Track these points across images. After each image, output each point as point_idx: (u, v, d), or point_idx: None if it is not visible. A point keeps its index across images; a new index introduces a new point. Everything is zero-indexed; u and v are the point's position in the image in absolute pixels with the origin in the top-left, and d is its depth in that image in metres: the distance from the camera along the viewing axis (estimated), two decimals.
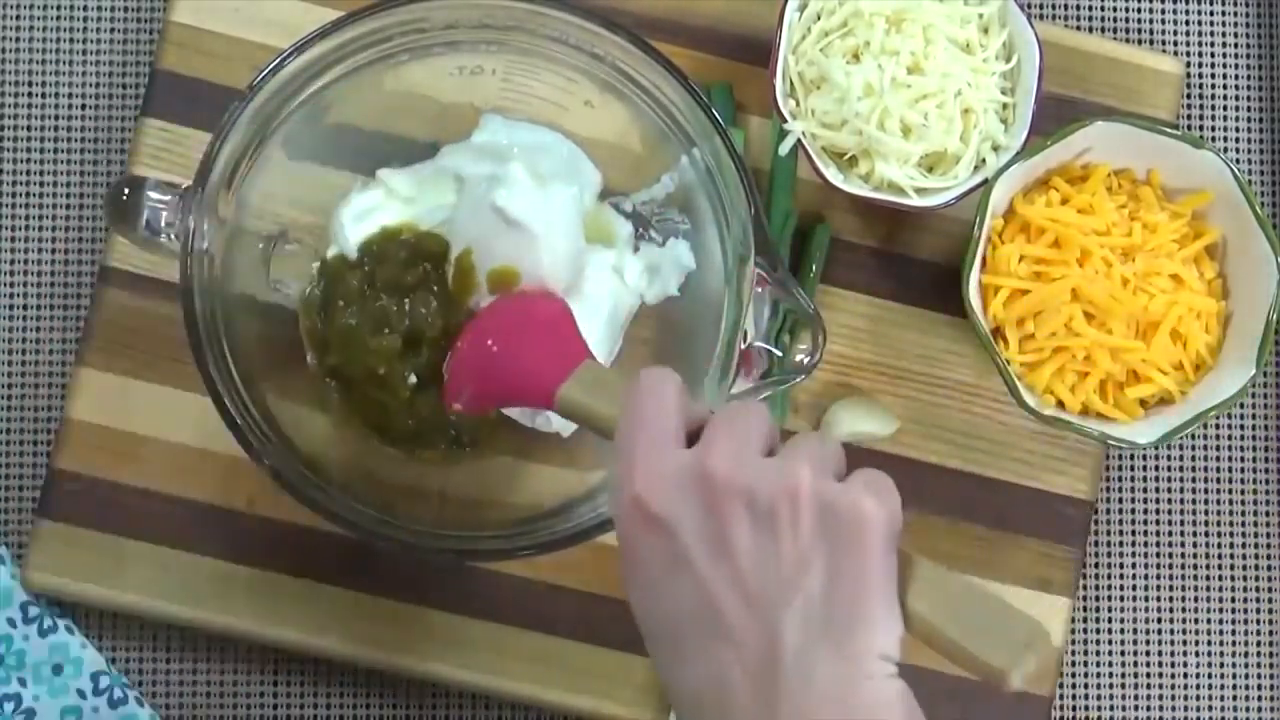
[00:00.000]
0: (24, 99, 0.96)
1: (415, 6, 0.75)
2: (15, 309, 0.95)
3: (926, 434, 0.93)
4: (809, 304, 0.76)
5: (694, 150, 0.79)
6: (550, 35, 0.78)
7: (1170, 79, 0.96)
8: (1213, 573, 0.98)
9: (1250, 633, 0.98)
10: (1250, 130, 1.00)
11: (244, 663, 0.94)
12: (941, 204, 0.87)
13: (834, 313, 0.93)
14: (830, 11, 0.88)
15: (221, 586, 0.90)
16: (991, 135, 0.88)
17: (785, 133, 0.88)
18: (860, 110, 0.86)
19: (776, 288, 0.76)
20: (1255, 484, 0.99)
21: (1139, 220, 0.88)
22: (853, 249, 0.94)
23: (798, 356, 0.77)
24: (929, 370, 0.94)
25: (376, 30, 0.76)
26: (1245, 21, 1.01)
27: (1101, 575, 0.98)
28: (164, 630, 0.94)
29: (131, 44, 0.97)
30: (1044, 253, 0.87)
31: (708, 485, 0.56)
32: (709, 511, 0.56)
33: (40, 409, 0.95)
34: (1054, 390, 0.88)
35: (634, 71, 0.78)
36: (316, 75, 0.76)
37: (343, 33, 0.75)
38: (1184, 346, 0.88)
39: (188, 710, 0.93)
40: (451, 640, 0.91)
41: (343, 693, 0.94)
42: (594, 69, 0.79)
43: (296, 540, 0.90)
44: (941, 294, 0.93)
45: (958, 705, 0.92)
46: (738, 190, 0.76)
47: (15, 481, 0.94)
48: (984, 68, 0.88)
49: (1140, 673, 0.97)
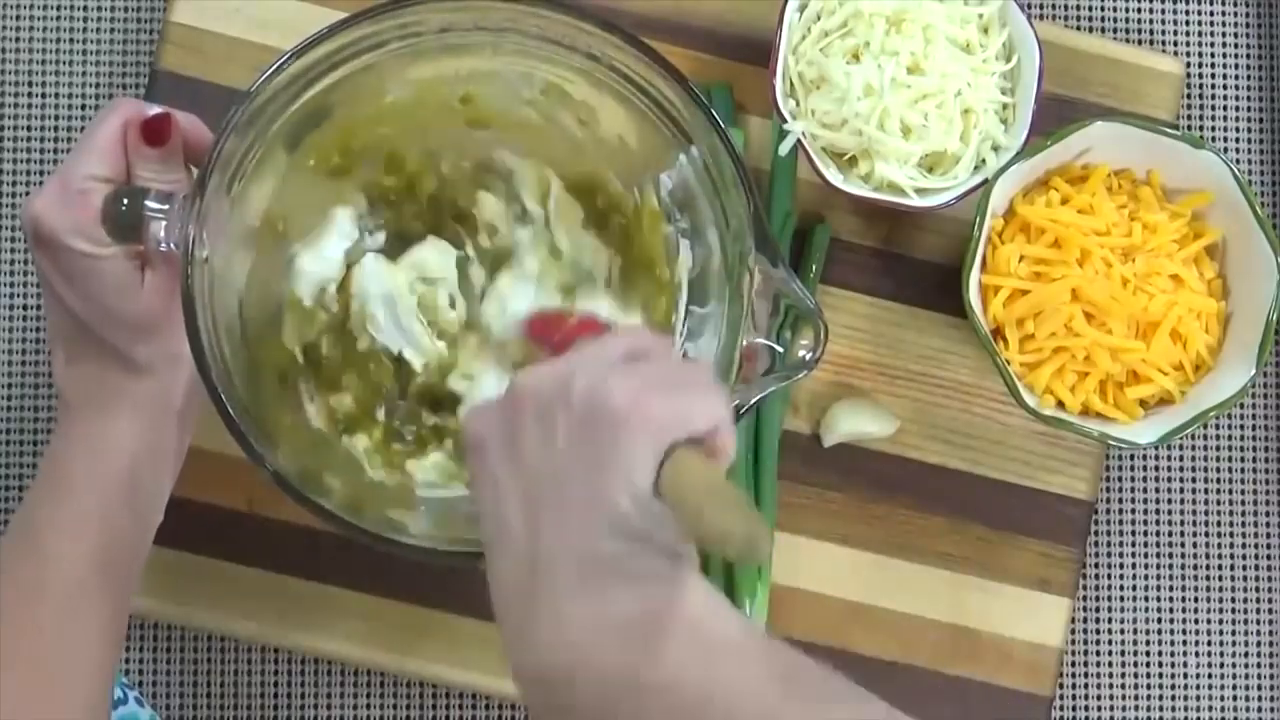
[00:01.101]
0: (24, 99, 0.96)
1: (410, 10, 0.75)
2: (15, 309, 0.95)
3: (926, 434, 0.93)
4: (810, 299, 0.76)
5: (691, 148, 0.78)
6: (545, 36, 0.78)
7: (1170, 79, 0.96)
8: (1213, 573, 0.98)
9: (1250, 633, 0.98)
10: (1250, 130, 1.00)
11: (244, 663, 0.94)
12: (941, 204, 0.87)
13: (834, 313, 0.93)
14: (830, 11, 0.88)
15: (221, 587, 0.90)
16: (991, 135, 0.88)
17: (785, 133, 0.88)
18: (860, 110, 0.86)
19: (777, 283, 0.75)
20: (1255, 484, 0.99)
21: (1139, 220, 0.88)
22: (853, 249, 0.94)
23: (800, 352, 0.77)
24: (929, 370, 0.94)
25: (370, 35, 0.76)
26: (1245, 21, 1.01)
27: (1101, 575, 0.98)
28: (164, 630, 0.94)
29: (131, 44, 0.97)
30: (1044, 253, 0.87)
31: (509, 399, 0.62)
32: (506, 421, 0.62)
33: (40, 409, 0.95)
34: (1054, 390, 0.88)
35: (630, 70, 0.77)
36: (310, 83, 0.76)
37: (335, 39, 0.74)
38: (1184, 346, 0.88)
39: (188, 710, 0.93)
40: (451, 640, 0.91)
41: (343, 693, 0.94)
42: (590, 68, 0.78)
43: (296, 541, 0.90)
44: (941, 294, 0.93)
45: (957, 705, 0.92)
46: (736, 187, 0.76)
47: (15, 481, 0.94)
48: (984, 68, 0.88)
49: (1140, 673, 0.97)
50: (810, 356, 0.77)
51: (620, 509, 0.58)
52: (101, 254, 0.74)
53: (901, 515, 0.93)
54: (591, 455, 0.59)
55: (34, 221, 0.74)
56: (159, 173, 0.76)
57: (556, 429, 0.60)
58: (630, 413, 0.58)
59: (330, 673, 0.94)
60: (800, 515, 0.92)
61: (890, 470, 0.93)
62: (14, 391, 0.95)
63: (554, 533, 0.59)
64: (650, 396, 0.59)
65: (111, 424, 0.77)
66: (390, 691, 0.94)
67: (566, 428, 0.60)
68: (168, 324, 0.76)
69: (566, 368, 0.61)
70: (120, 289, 0.75)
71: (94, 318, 0.76)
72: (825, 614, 0.92)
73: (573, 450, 0.59)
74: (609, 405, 0.59)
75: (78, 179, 0.74)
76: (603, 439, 0.59)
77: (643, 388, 0.59)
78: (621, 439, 0.58)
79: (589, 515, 0.58)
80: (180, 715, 0.93)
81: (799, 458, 0.92)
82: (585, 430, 0.59)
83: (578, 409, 0.59)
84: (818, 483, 0.93)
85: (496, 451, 0.62)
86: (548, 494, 0.60)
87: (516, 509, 0.60)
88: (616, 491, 0.58)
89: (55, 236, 0.74)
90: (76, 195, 0.74)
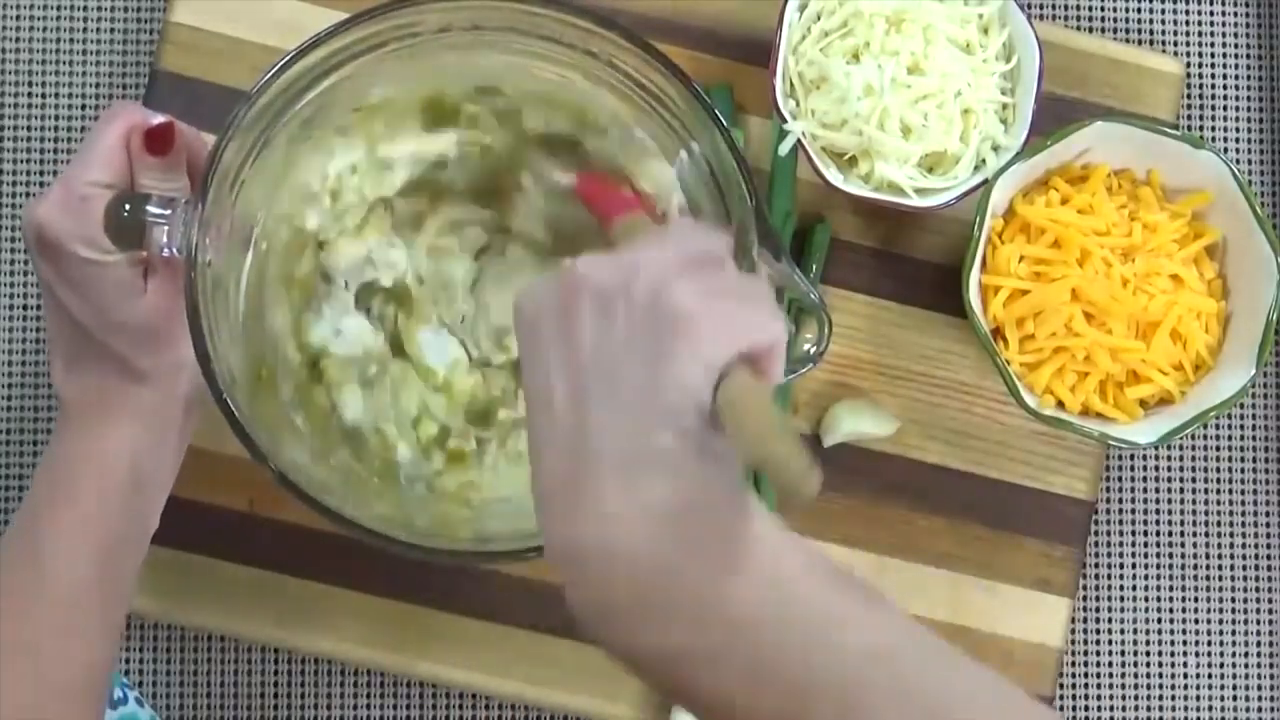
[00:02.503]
0: (24, 99, 0.96)
1: (407, 11, 0.75)
2: (15, 309, 0.95)
3: (926, 434, 0.93)
4: (814, 291, 0.76)
5: (692, 144, 0.79)
6: (543, 34, 0.78)
7: (1170, 79, 0.96)
8: (1213, 573, 0.98)
9: (1250, 633, 0.98)
10: (1250, 130, 1.00)
11: (244, 663, 0.94)
12: (941, 204, 0.87)
13: (834, 313, 0.92)
14: (830, 11, 0.88)
15: (222, 587, 0.90)
16: (991, 135, 0.88)
17: (785, 133, 0.88)
18: (860, 110, 0.86)
19: (780, 277, 0.75)
20: (1255, 484, 0.99)
21: (1139, 220, 0.88)
22: (853, 249, 0.94)
23: (804, 346, 0.77)
24: (929, 370, 0.94)
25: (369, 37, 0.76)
26: (1245, 21, 1.01)
27: (1101, 575, 0.98)
28: (164, 630, 0.94)
29: (131, 44, 0.97)
30: (1044, 253, 0.87)
31: (568, 281, 0.60)
32: (562, 305, 0.60)
33: (40, 409, 0.95)
34: (1054, 390, 0.88)
35: (629, 68, 0.78)
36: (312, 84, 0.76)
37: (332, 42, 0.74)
38: (1184, 347, 0.88)
39: (188, 710, 0.93)
40: (451, 640, 0.91)
41: (343, 693, 0.94)
42: (589, 66, 0.78)
43: (297, 541, 0.90)
44: (941, 294, 0.93)
45: None
46: (737, 182, 0.76)
47: (15, 481, 0.94)
48: (984, 68, 0.88)
49: (1140, 673, 0.97)
50: (815, 350, 0.77)
51: (678, 406, 0.56)
52: (105, 260, 0.74)
53: (901, 515, 0.93)
54: (651, 350, 0.57)
55: (37, 228, 0.74)
56: (161, 179, 0.76)
57: (617, 319, 0.58)
58: (694, 314, 0.57)
59: (330, 673, 0.94)
60: (800, 515, 0.92)
61: (890, 470, 0.93)
62: (14, 391, 0.95)
63: (604, 421, 0.57)
64: (715, 302, 0.57)
65: (113, 430, 0.77)
66: (390, 691, 0.94)
67: (627, 319, 0.58)
68: (169, 330, 0.76)
69: (630, 259, 0.60)
70: (123, 295, 0.75)
71: (96, 324, 0.76)
72: None
73: (632, 343, 0.58)
74: (673, 303, 0.57)
75: (81, 185, 0.74)
76: (664, 336, 0.57)
77: (708, 292, 0.58)
78: (682, 340, 0.57)
79: (644, 409, 0.57)
80: (180, 715, 0.93)
81: None
82: (646, 325, 0.57)
83: (640, 302, 0.58)
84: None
85: (549, 333, 0.60)
86: (600, 383, 0.58)
87: (565, 394, 0.58)
88: (674, 390, 0.56)
89: (59, 243, 0.74)
90: (80, 202, 0.74)
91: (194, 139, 0.78)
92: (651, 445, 0.56)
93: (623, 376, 0.57)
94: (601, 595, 0.57)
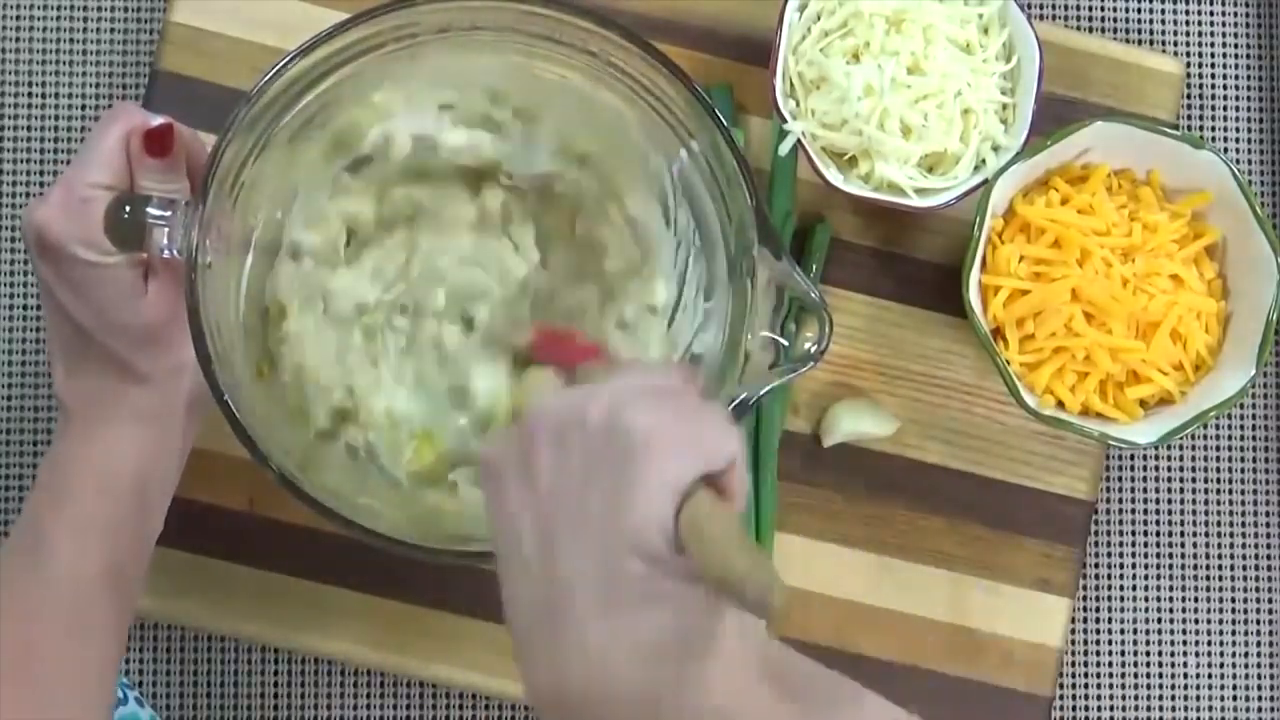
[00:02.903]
0: (24, 99, 0.96)
1: (406, 12, 0.75)
2: (15, 309, 0.95)
3: (926, 434, 0.93)
4: (814, 290, 0.76)
5: (692, 144, 0.79)
6: (543, 34, 0.78)
7: (1170, 79, 0.96)
8: (1213, 573, 0.98)
9: (1250, 633, 0.98)
10: (1250, 130, 1.00)
11: (244, 663, 0.94)
12: (941, 204, 0.87)
13: (834, 313, 0.92)
14: (830, 11, 0.88)
15: (222, 587, 0.90)
16: (991, 135, 0.88)
17: (785, 133, 0.88)
18: (860, 110, 0.86)
19: (781, 276, 0.75)
20: (1255, 484, 0.99)
21: (1139, 220, 0.88)
22: (853, 249, 0.94)
23: (804, 345, 0.77)
24: (929, 370, 0.94)
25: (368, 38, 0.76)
26: (1245, 21, 1.01)
27: (1101, 575, 0.98)
28: (164, 630, 0.94)
29: (131, 44, 0.97)
30: (1044, 253, 0.87)
31: (523, 425, 0.61)
32: (520, 447, 0.61)
33: (40, 409, 0.95)
34: (1054, 390, 0.88)
35: (628, 67, 0.78)
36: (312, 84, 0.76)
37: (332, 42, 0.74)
38: (1184, 346, 0.88)
39: (188, 710, 0.93)
40: (451, 640, 0.91)
41: (343, 693, 0.94)
42: (588, 66, 0.78)
43: (297, 541, 0.90)
44: (941, 294, 0.93)
45: (957, 705, 0.92)
46: (737, 182, 0.76)
47: (15, 481, 0.94)
48: (984, 68, 0.88)
49: (1140, 673, 0.97)
50: (816, 349, 0.77)
51: (643, 531, 0.57)
52: (105, 262, 0.74)
53: (902, 515, 0.93)
54: (611, 477, 0.57)
55: (38, 230, 0.74)
56: (161, 180, 0.75)
57: (574, 450, 0.59)
58: (650, 438, 0.57)
59: (330, 673, 0.94)
60: (800, 515, 0.92)
61: (890, 470, 0.93)
62: (14, 391, 0.95)
63: (573, 555, 0.58)
64: (670, 424, 0.58)
65: (114, 433, 0.77)
66: (390, 691, 0.94)
67: (584, 448, 0.58)
68: (170, 332, 0.76)
69: (584, 389, 0.61)
70: (124, 297, 0.75)
71: (97, 326, 0.76)
72: (825, 615, 0.92)
73: (590, 471, 0.58)
74: (628, 426, 0.58)
75: (81, 187, 0.74)
76: (621, 461, 0.57)
77: (662, 415, 0.58)
78: (640, 464, 0.57)
79: (610, 536, 0.57)
80: (180, 715, 0.93)
81: (799, 458, 0.92)
82: (604, 452, 0.58)
83: (596, 429, 0.58)
84: (818, 483, 0.93)
85: (511, 478, 0.61)
86: (565, 517, 0.58)
87: (531, 533, 0.59)
88: (638, 514, 0.57)
89: (60, 245, 0.73)
90: (80, 203, 0.74)
91: (193, 140, 0.78)
92: (623, 572, 0.57)
93: (586, 506, 0.58)
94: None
